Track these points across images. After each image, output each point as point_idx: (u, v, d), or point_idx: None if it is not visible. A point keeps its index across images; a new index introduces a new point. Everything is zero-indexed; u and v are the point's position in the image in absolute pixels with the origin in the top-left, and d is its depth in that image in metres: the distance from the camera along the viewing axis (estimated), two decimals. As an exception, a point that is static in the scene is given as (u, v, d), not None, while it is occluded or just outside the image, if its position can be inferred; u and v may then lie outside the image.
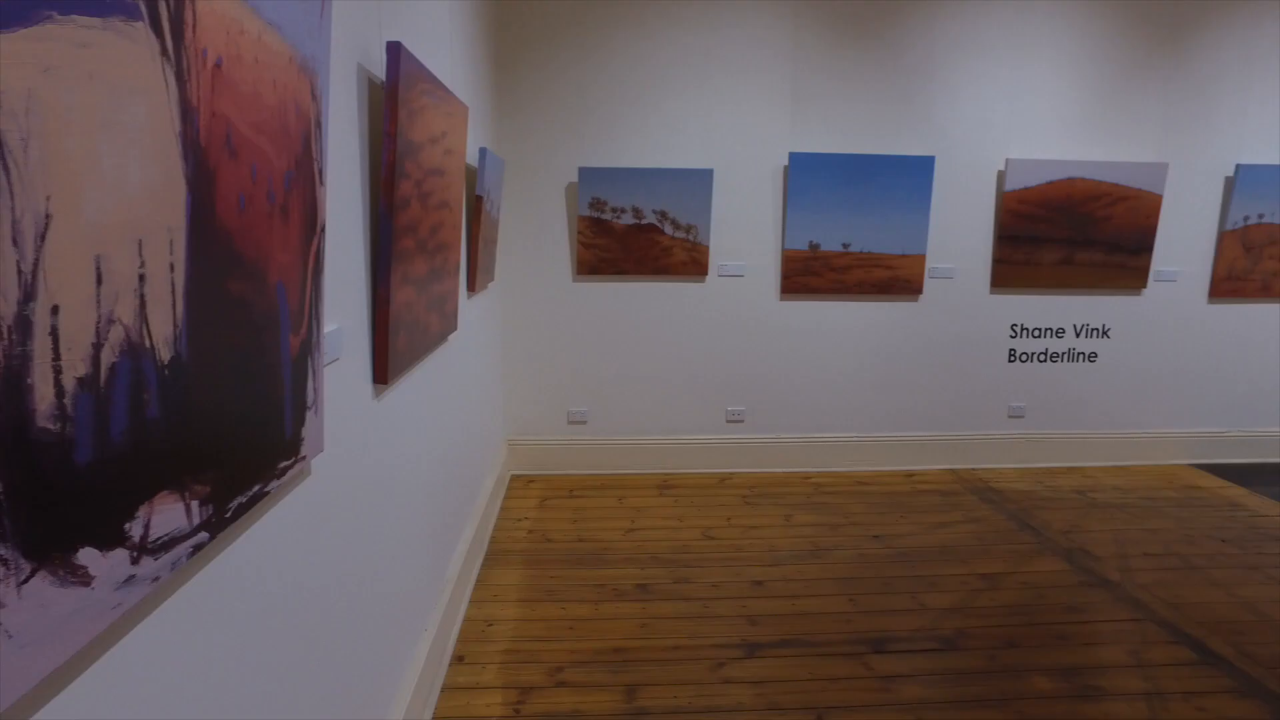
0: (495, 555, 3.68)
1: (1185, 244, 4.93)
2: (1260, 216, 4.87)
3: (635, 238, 4.55)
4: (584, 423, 4.79)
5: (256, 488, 1.21)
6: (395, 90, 1.85)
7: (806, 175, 4.54)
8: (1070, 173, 4.67)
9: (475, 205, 3.41)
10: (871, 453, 4.92)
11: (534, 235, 4.58)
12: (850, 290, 4.70)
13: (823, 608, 3.22)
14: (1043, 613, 3.20)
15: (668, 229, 4.56)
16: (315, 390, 1.46)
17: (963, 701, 2.61)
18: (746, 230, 4.64)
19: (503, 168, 4.17)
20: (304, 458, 1.42)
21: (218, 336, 1.04)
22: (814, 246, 4.62)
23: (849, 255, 4.64)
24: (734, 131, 4.54)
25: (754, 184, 4.60)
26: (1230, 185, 4.84)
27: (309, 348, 1.41)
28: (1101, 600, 3.32)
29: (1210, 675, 2.79)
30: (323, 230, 1.45)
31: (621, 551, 3.73)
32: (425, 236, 2.35)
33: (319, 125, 1.37)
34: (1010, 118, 4.69)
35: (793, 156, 4.51)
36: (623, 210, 4.51)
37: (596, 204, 4.50)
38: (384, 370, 2.00)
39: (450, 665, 2.78)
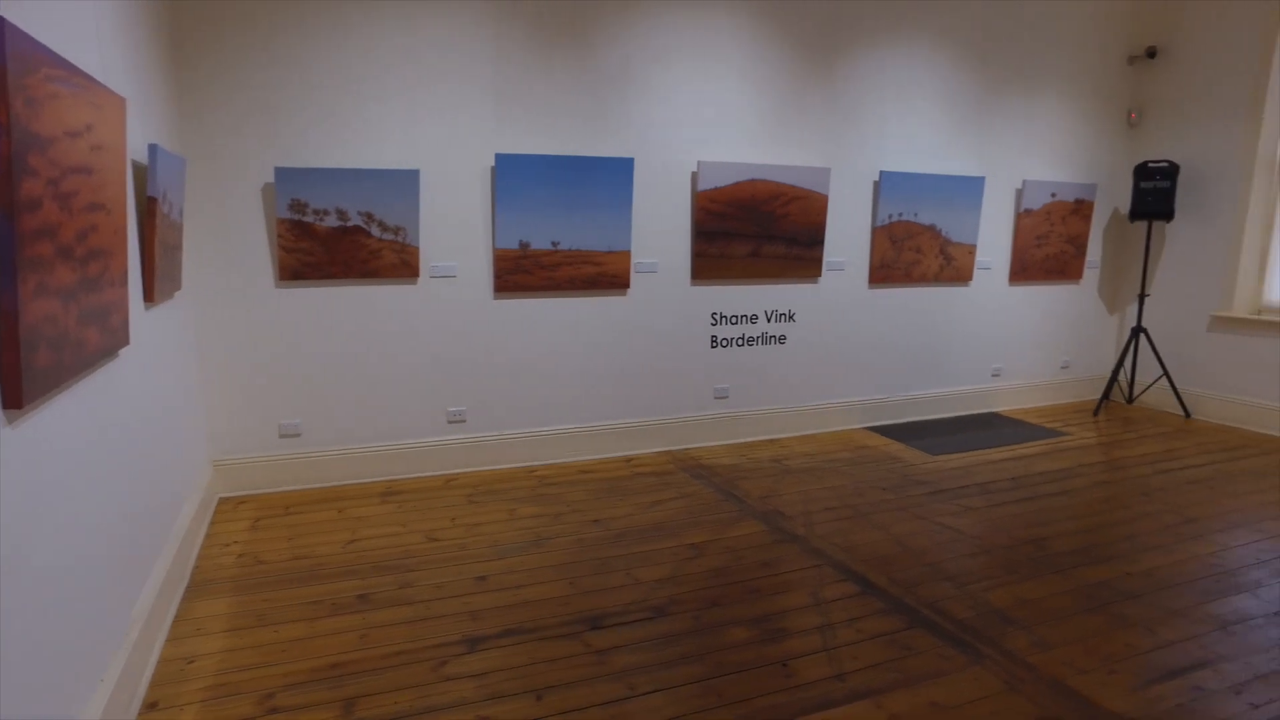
0: (199, 586, 3.38)
1: (848, 237, 5.70)
2: (900, 215, 5.76)
3: (341, 240, 4.38)
4: (298, 435, 4.52)
5: None
6: (3, 74, 1.64)
7: (514, 176, 4.63)
8: (753, 174, 5.20)
9: (148, 207, 3.11)
10: (593, 441, 5.15)
11: (229, 239, 4.24)
12: (562, 287, 4.88)
13: (544, 594, 3.33)
14: (741, 572, 3.56)
15: (375, 231, 4.43)
16: (-91, 419, 1.27)
17: (669, 662, 2.84)
18: (457, 231, 4.64)
19: (184, 167, 3.82)
20: (-104, 497, 1.24)
21: None
22: (525, 245, 4.73)
23: (559, 253, 4.81)
24: (439, 132, 4.52)
25: (462, 184, 4.61)
26: (877, 188, 5.67)
27: (-106, 370, 1.23)
28: (790, 553, 3.76)
29: (868, 602, 3.29)
30: (-93, 235, 1.26)
31: (341, 564, 3.59)
32: (71, 242, 2.11)
33: (-112, 115, 1.19)
34: (701, 123, 5.12)
35: (499, 158, 4.58)
36: (326, 212, 4.32)
37: (297, 206, 4.27)
38: (17, 393, 1.78)
39: (139, 714, 2.53)
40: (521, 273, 4.78)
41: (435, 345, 4.71)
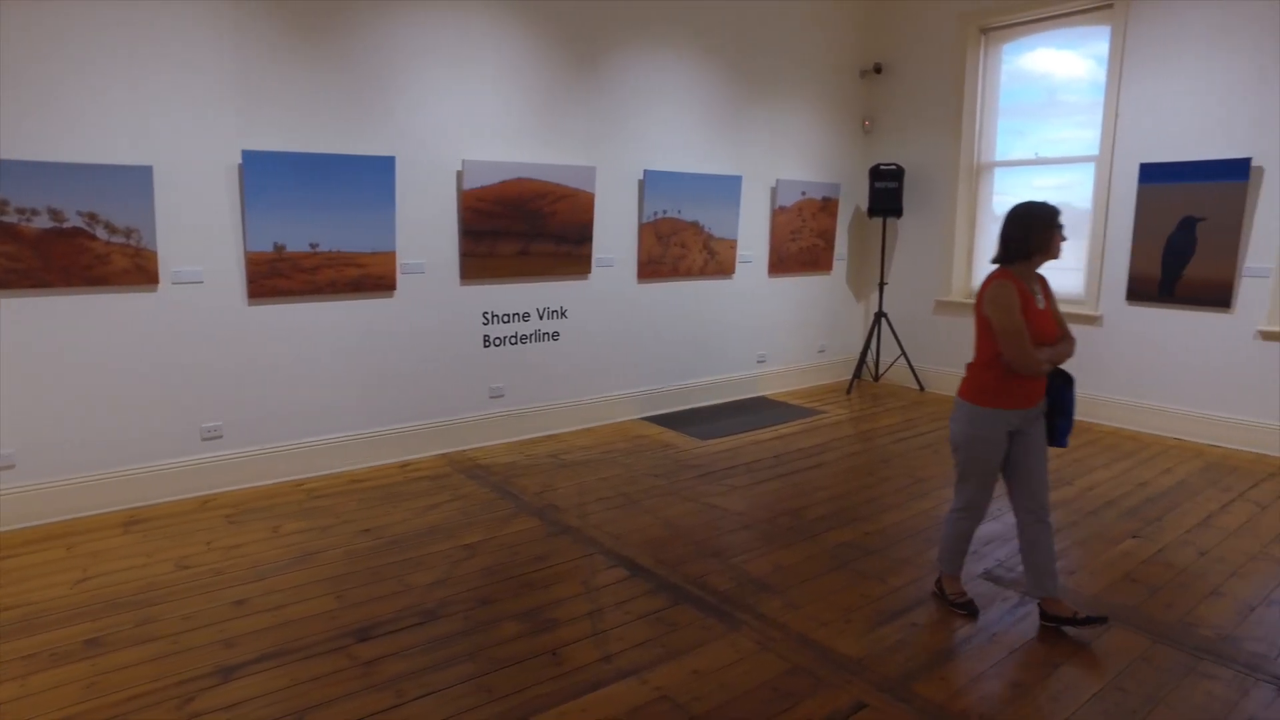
0: (-125, 653, 2.90)
1: (616, 234, 5.89)
2: (664, 212, 6.04)
3: (57, 244, 3.91)
4: (11, 468, 3.98)
5: None
6: None
7: (264, 174, 4.35)
8: (519, 173, 5.23)
9: None
10: (366, 449, 4.97)
11: (-95, 245, 3.65)
12: (323, 290, 4.65)
13: (308, 611, 3.18)
14: (514, 567, 3.59)
15: (101, 233, 4.00)
16: None
17: (440, 665, 2.82)
18: (202, 233, 4.29)
19: None
20: None
21: None
22: (280, 248, 4.46)
23: (318, 255, 4.58)
24: (176, 126, 4.15)
25: (205, 183, 4.27)
26: (642, 186, 5.90)
27: None
28: (563, 545, 3.84)
29: (637, 584, 3.43)
30: None
31: (67, 608, 3.21)
32: None
33: None
34: (464, 121, 5.07)
35: (246, 154, 4.28)
36: (34, 211, 3.83)
37: (-4, 204, 3.76)
38: None
39: None
40: (278, 276, 4.51)
41: (183, 357, 4.32)
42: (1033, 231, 2.96)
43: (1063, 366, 3.07)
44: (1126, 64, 5.80)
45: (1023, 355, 2.90)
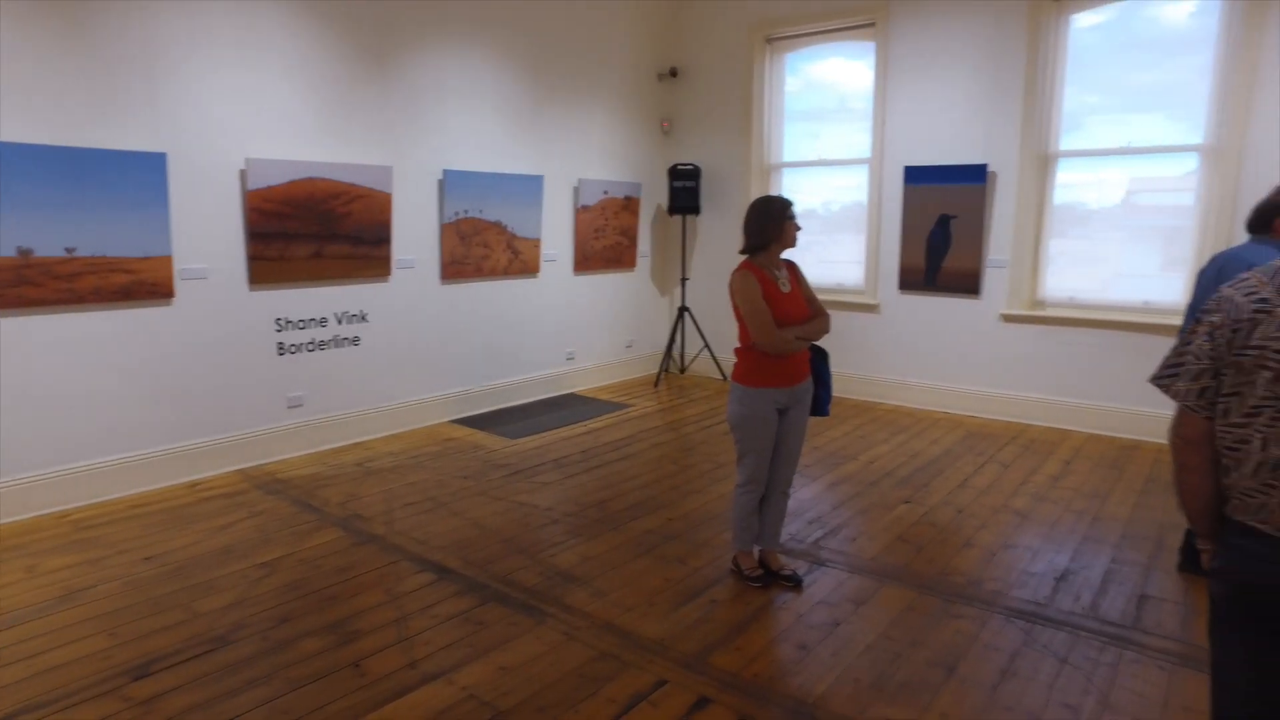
0: None
1: (417, 235, 5.76)
2: (466, 212, 5.99)
3: None
4: None
5: None
6: None
7: (2, 169, 3.89)
8: (310, 173, 4.99)
9: None
10: (149, 470, 4.57)
11: None
12: (85, 300, 4.23)
13: (73, 655, 2.90)
14: (316, 581, 3.46)
15: None
16: None
17: (232, 692, 2.67)
18: (-76, 237, 3.78)
19: None
20: None
21: None
22: (26, 253, 4.01)
23: (77, 261, 4.16)
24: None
25: (-73, 181, 3.76)
26: (442, 186, 5.81)
27: None
28: (369, 554, 3.74)
29: (444, 587, 3.41)
30: None
31: None
32: None
33: None
34: (247, 118, 4.77)
35: (-21, 148, 3.82)
36: None
37: None
38: None
39: None
40: (26, 284, 4.04)
41: (-95, 380, 3.79)
42: (766, 223, 3.27)
43: (822, 344, 3.47)
44: (889, 76, 6.41)
45: (768, 335, 3.20)
